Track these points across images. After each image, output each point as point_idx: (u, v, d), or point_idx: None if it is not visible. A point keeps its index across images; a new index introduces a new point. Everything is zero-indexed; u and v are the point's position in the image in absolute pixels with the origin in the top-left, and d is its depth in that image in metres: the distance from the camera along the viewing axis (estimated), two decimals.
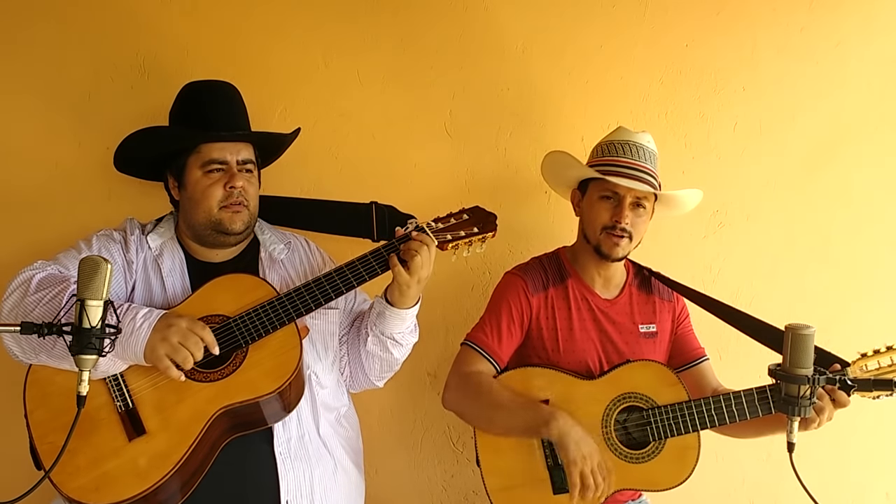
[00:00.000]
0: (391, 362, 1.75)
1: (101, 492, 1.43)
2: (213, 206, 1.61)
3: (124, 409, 1.49)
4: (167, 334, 1.43)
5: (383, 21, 2.13)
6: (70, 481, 1.42)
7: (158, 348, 1.42)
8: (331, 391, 1.73)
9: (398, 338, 1.69)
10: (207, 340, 1.47)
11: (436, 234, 1.63)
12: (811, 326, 1.37)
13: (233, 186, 1.61)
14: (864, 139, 2.24)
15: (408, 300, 1.63)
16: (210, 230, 1.63)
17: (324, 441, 1.68)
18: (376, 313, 1.67)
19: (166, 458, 1.45)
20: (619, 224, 1.76)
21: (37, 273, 1.49)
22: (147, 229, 1.70)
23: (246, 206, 1.64)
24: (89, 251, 1.60)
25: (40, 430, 1.46)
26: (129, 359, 1.46)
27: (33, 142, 2.03)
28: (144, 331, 1.43)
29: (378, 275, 1.61)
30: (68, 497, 1.42)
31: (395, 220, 1.87)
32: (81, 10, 2.04)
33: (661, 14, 2.19)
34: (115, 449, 1.46)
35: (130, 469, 1.45)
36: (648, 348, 1.86)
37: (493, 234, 1.69)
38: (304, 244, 1.83)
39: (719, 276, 2.23)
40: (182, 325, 1.45)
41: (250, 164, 1.68)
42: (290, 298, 1.56)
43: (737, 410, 1.71)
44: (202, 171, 1.62)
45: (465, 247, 1.68)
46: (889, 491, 2.29)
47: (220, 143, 1.63)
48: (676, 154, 2.21)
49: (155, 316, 1.46)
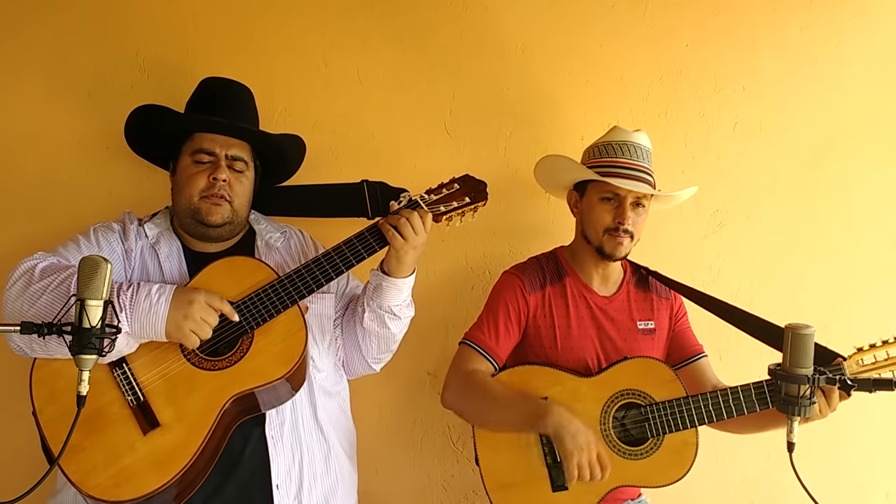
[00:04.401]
0: (388, 339, 1.75)
1: (122, 487, 1.42)
2: (193, 194, 1.62)
3: (136, 402, 1.48)
4: (189, 311, 1.44)
5: (383, 21, 2.13)
6: (89, 479, 1.42)
7: (183, 325, 1.43)
8: (328, 375, 1.74)
9: (395, 310, 1.69)
10: (226, 310, 1.49)
11: (429, 206, 1.64)
12: (811, 326, 1.38)
13: (215, 178, 1.62)
14: (864, 139, 2.24)
15: (405, 268, 1.64)
16: (190, 218, 1.64)
17: (320, 425, 1.68)
18: (373, 287, 1.68)
19: (184, 448, 1.45)
20: (621, 225, 1.77)
21: (39, 262, 1.49)
22: (143, 220, 1.72)
23: (228, 201, 1.64)
24: (88, 242, 1.60)
25: (52, 428, 1.45)
26: (147, 335, 1.45)
27: (33, 141, 2.03)
28: (163, 306, 1.43)
29: (375, 251, 1.62)
30: (88, 495, 1.42)
31: (387, 195, 1.85)
32: (82, 9, 2.04)
33: (661, 14, 2.19)
34: (130, 444, 1.46)
35: (149, 462, 1.44)
36: (646, 345, 1.87)
37: (484, 202, 1.70)
38: (298, 234, 1.84)
39: (719, 276, 2.23)
40: (201, 299, 1.46)
41: (241, 161, 1.68)
42: (291, 280, 1.56)
43: (734, 406, 1.71)
44: (191, 158, 1.64)
45: (458, 217, 1.69)
46: (889, 491, 2.29)
47: (212, 135, 1.64)
48: (676, 154, 2.21)
49: (169, 290, 1.46)
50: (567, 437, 1.61)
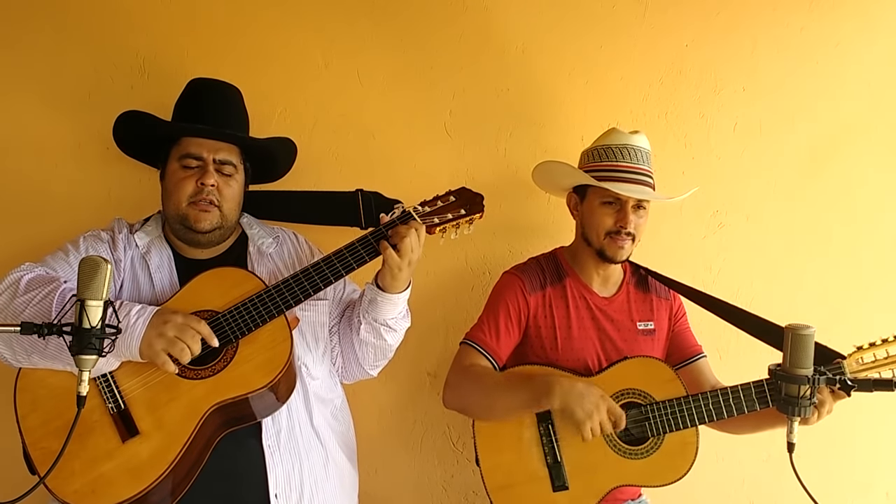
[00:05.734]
0: (384, 349, 1.75)
1: (98, 494, 1.42)
2: (181, 200, 1.61)
3: (116, 410, 1.48)
4: (163, 329, 1.43)
5: (383, 21, 2.13)
6: (65, 486, 1.42)
7: (155, 343, 1.42)
8: (323, 382, 1.73)
9: (391, 323, 1.69)
10: (204, 333, 1.47)
11: (423, 218, 1.62)
12: (811, 326, 1.38)
13: (203, 183, 1.61)
14: (864, 139, 2.24)
15: (399, 284, 1.63)
16: (179, 224, 1.64)
17: (317, 432, 1.68)
18: (368, 300, 1.67)
19: (161, 457, 1.45)
20: (623, 229, 1.78)
21: (25, 274, 1.49)
22: (135, 228, 1.71)
23: (217, 206, 1.63)
24: (77, 253, 1.60)
25: (33, 435, 1.45)
26: (123, 355, 1.45)
27: (33, 141, 2.03)
28: (140, 327, 1.43)
29: (366, 262, 1.60)
30: (65, 502, 1.42)
31: (381, 206, 1.85)
32: (82, 10, 2.04)
33: (661, 14, 2.20)
34: (109, 451, 1.46)
35: (126, 470, 1.44)
36: (646, 346, 1.87)
37: (480, 215, 1.67)
38: (292, 237, 1.83)
39: (719, 276, 2.23)
40: (178, 320, 1.45)
41: (229, 165, 1.66)
42: (279, 290, 1.55)
43: (735, 405, 1.71)
44: (179, 163, 1.63)
45: (453, 230, 1.67)
46: (889, 490, 2.29)
47: (199, 139, 1.63)
48: (676, 154, 2.21)
49: (149, 312, 1.45)
50: (577, 408, 1.62)
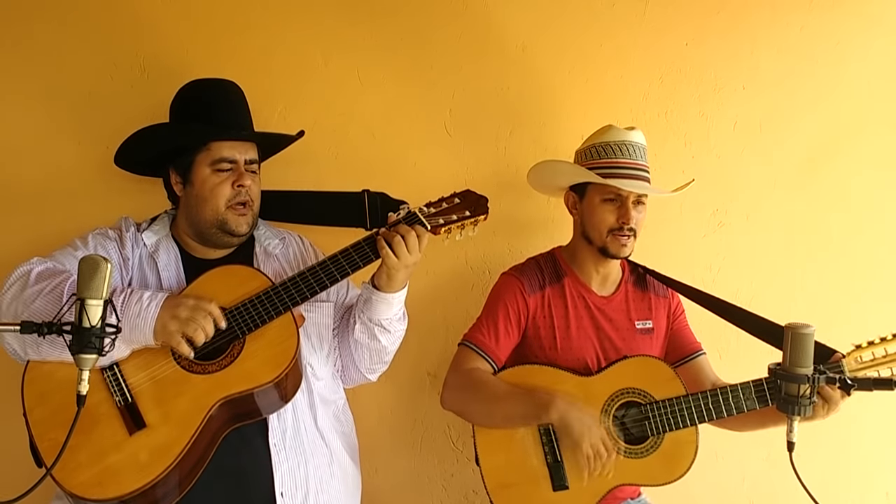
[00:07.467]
0: (380, 351, 1.75)
1: (104, 486, 1.43)
2: (220, 205, 1.63)
3: (123, 403, 1.49)
4: (177, 312, 1.45)
5: (383, 21, 2.13)
6: (72, 477, 1.43)
7: (169, 325, 1.44)
8: (326, 384, 1.74)
9: (385, 324, 1.69)
10: (215, 314, 1.49)
11: (428, 219, 1.63)
12: (811, 326, 1.37)
13: (241, 185, 1.63)
14: (863, 139, 2.24)
15: (395, 284, 1.63)
16: (216, 229, 1.64)
17: (321, 433, 1.69)
18: (363, 300, 1.68)
19: (167, 450, 1.46)
20: (625, 225, 1.78)
21: (34, 267, 1.50)
22: (142, 227, 1.71)
23: (251, 206, 1.66)
24: (85, 249, 1.60)
25: (40, 428, 1.47)
26: (137, 340, 1.46)
27: (33, 141, 2.03)
28: (153, 310, 1.44)
29: (372, 261, 1.61)
30: (71, 493, 1.43)
31: (387, 206, 1.85)
32: (82, 9, 2.04)
33: (661, 13, 2.19)
34: (115, 443, 1.46)
35: (132, 463, 1.45)
36: (645, 345, 1.87)
37: (484, 217, 1.68)
38: (297, 240, 1.84)
39: (719, 276, 2.23)
40: (189, 302, 1.47)
41: (255, 163, 1.70)
42: (286, 287, 1.56)
43: (734, 403, 1.71)
44: (211, 168, 1.63)
45: (458, 231, 1.68)
46: (889, 490, 2.29)
47: (231, 142, 1.64)
48: (676, 153, 2.21)
49: (161, 296, 1.47)
50: (575, 423, 1.63)
